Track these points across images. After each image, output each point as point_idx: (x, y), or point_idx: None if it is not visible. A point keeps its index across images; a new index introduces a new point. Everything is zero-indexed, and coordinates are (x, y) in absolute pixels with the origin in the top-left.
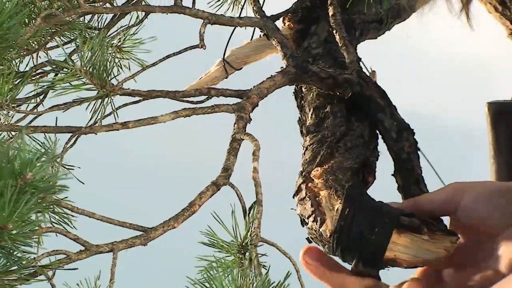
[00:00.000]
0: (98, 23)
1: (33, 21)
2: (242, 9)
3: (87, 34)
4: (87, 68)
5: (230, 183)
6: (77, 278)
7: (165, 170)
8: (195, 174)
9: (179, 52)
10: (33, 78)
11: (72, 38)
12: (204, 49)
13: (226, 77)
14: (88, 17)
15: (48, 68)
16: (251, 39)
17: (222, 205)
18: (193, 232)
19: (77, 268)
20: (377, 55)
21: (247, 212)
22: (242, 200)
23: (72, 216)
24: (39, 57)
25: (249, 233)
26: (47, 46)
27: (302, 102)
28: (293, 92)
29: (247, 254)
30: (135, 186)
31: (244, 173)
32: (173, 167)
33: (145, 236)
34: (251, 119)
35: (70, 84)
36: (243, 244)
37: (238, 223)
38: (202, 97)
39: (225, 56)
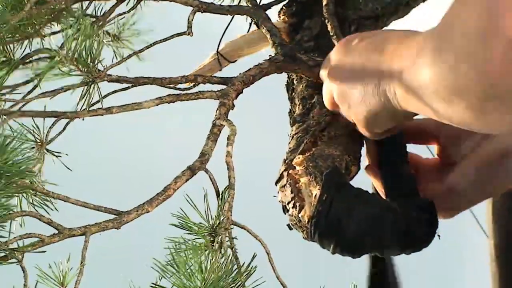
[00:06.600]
0: (95, 12)
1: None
2: (240, 0)
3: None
4: (72, 54)
5: (205, 168)
6: (50, 262)
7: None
8: (183, 165)
9: (166, 39)
10: (25, 65)
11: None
12: (191, 36)
13: (220, 70)
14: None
15: (41, 56)
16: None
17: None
18: (169, 217)
19: (45, 251)
20: None
21: (220, 196)
22: (215, 185)
23: (52, 198)
24: (37, 43)
25: (220, 217)
26: (44, 33)
27: (293, 94)
28: (285, 85)
29: (217, 237)
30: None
31: (244, 166)
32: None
33: (118, 220)
34: (234, 106)
35: (60, 70)
36: (214, 227)
37: (210, 207)
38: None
39: (219, 48)
